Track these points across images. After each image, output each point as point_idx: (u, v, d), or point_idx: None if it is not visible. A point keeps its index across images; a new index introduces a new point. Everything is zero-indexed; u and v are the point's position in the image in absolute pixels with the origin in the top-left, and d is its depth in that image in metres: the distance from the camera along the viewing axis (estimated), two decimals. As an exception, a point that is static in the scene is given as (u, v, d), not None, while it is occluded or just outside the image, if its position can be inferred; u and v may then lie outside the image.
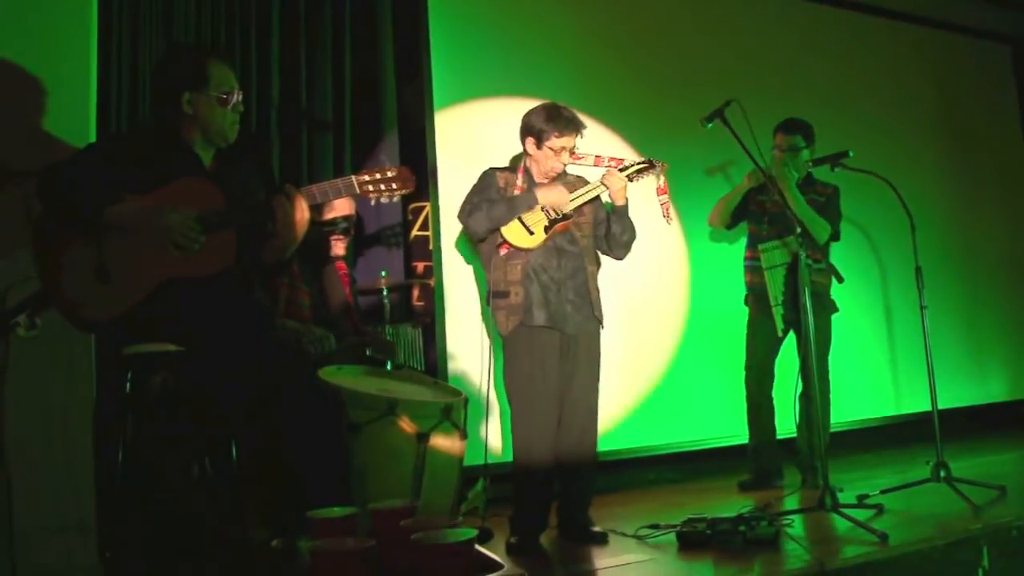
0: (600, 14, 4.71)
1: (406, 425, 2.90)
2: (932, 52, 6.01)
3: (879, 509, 3.32)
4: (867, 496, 3.48)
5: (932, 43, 6.02)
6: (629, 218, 3.33)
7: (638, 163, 3.32)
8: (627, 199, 3.29)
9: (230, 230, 2.47)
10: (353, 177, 2.60)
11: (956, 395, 5.35)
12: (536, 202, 3.20)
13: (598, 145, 3.86)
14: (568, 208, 3.21)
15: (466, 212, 3.24)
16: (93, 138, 3.04)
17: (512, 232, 3.19)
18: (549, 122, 3.19)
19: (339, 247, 3.62)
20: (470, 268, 4.14)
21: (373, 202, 2.65)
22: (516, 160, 3.50)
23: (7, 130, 2.89)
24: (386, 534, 2.06)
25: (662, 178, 3.37)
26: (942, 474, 3.52)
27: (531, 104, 3.33)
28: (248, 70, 3.75)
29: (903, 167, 5.15)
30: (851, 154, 3.83)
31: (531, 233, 3.19)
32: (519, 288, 3.18)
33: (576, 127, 3.21)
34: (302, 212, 2.56)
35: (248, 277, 2.61)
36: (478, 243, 3.32)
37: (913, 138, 5.78)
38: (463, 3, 4.33)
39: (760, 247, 4.07)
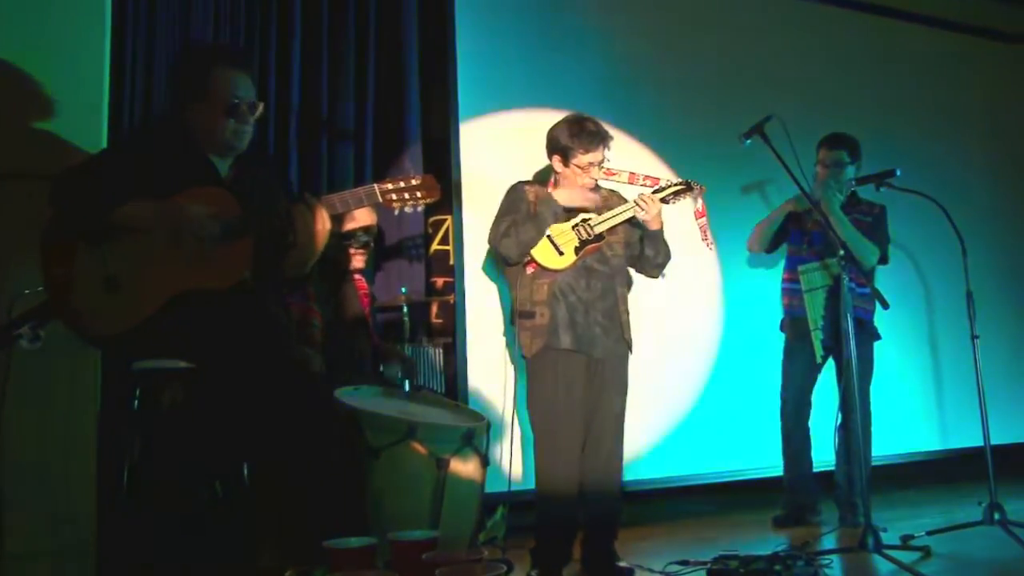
0: (631, 24, 4.69)
1: (425, 450, 2.90)
2: (982, 64, 5.94)
3: (926, 552, 3.27)
4: (912, 537, 3.43)
5: (982, 54, 5.95)
6: (664, 241, 3.33)
7: (675, 185, 3.28)
8: (662, 223, 3.28)
9: (246, 240, 2.48)
10: (376, 185, 2.58)
11: (1010, 430, 5.25)
12: (559, 208, 3.19)
13: (630, 160, 3.85)
14: (601, 229, 3.21)
15: (497, 237, 3.22)
16: (105, 142, 3.06)
17: (541, 252, 3.19)
18: (574, 138, 3.18)
19: (358, 260, 3.63)
20: (493, 285, 4.14)
21: (397, 212, 2.64)
22: (544, 172, 3.49)
23: (14, 132, 2.92)
24: (407, 567, 2.05)
25: (700, 201, 3.34)
26: (996, 516, 3.45)
27: (558, 116, 3.32)
28: (267, 74, 3.77)
29: (953, 186, 5.09)
30: (898, 172, 3.80)
31: (561, 253, 3.18)
32: (545, 309, 3.17)
33: (602, 140, 3.21)
34: (323, 223, 2.56)
35: (265, 291, 2.61)
36: (508, 266, 3.32)
37: (963, 155, 5.71)
38: (490, 12, 4.33)
39: (800, 268, 4.03)
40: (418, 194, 2.61)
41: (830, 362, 4.09)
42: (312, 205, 2.55)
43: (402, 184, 2.60)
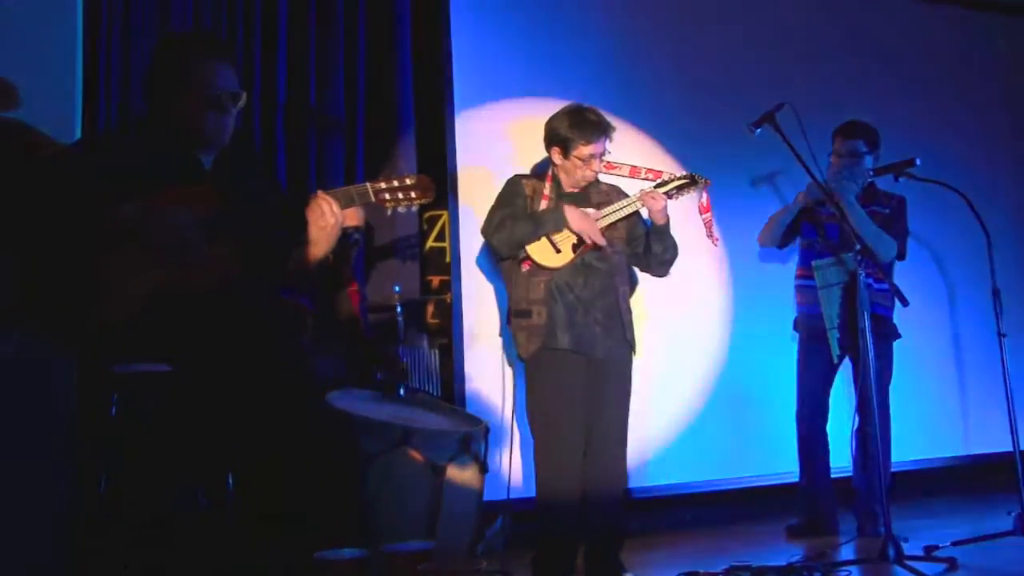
0: (633, 8, 4.68)
1: (420, 456, 2.88)
2: (1009, 44, 5.87)
3: (951, 564, 3.22)
4: (937, 548, 3.37)
5: (1009, 33, 5.88)
6: (671, 236, 3.31)
7: (678, 179, 3.29)
8: (668, 217, 3.24)
9: (235, 238, 2.44)
10: (368, 184, 2.56)
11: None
12: (564, 223, 3.18)
13: (632, 152, 3.83)
14: (600, 225, 3.19)
15: (491, 229, 3.23)
16: (79, 135, 3.03)
17: (537, 249, 3.19)
18: (574, 129, 3.18)
19: (348, 259, 3.61)
20: (491, 283, 4.12)
21: (389, 211, 2.63)
22: (543, 166, 3.47)
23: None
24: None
25: (705, 195, 3.34)
26: (1028, 527, 3.42)
27: (558, 106, 3.32)
28: (251, 64, 3.75)
29: (977, 176, 5.06)
30: (918, 162, 3.76)
31: (558, 251, 3.18)
32: (541, 308, 3.17)
33: (604, 131, 3.21)
34: (334, 216, 2.52)
35: (257, 290, 2.57)
36: (500, 260, 3.29)
37: (989, 143, 5.66)
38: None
39: (814, 264, 4.00)
40: (412, 194, 2.60)
41: (846, 363, 4.06)
42: (324, 197, 2.51)
43: (395, 184, 2.59)
